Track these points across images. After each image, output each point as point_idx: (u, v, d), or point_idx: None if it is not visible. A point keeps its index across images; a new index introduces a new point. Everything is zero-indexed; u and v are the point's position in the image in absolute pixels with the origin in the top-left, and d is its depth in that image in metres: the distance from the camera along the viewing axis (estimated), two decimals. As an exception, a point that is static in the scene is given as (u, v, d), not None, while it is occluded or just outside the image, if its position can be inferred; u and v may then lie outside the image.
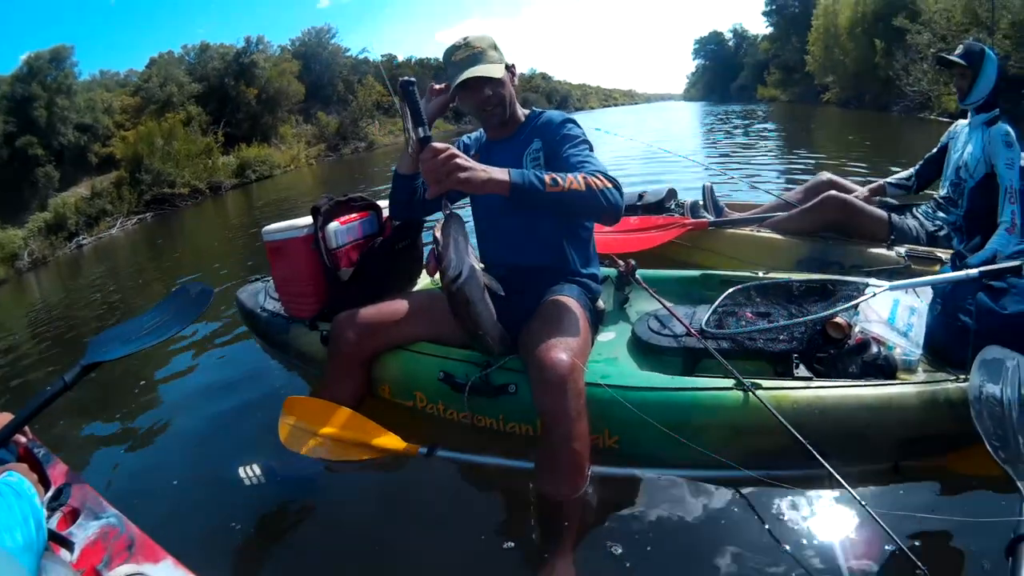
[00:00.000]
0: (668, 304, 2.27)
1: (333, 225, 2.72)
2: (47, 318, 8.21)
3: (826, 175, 3.72)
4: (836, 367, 1.90)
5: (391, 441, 2.03)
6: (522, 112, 2.30)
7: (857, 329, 1.94)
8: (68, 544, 1.40)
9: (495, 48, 2.16)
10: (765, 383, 1.79)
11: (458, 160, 1.69)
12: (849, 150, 10.95)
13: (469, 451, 2.01)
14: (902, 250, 2.99)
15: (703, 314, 2.21)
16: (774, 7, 56.90)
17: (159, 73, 34.75)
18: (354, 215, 2.82)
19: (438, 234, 1.80)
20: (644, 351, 2.20)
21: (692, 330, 2.08)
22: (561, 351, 1.75)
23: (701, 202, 3.98)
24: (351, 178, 19.48)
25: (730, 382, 1.81)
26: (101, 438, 3.22)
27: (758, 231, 3.51)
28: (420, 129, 1.77)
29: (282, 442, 2.11)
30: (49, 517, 1.47)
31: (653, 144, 6.92)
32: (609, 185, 1.82)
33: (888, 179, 3.59)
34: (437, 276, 1.90)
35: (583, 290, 2.22)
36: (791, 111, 30.91)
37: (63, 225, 20.49)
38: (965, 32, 19.73)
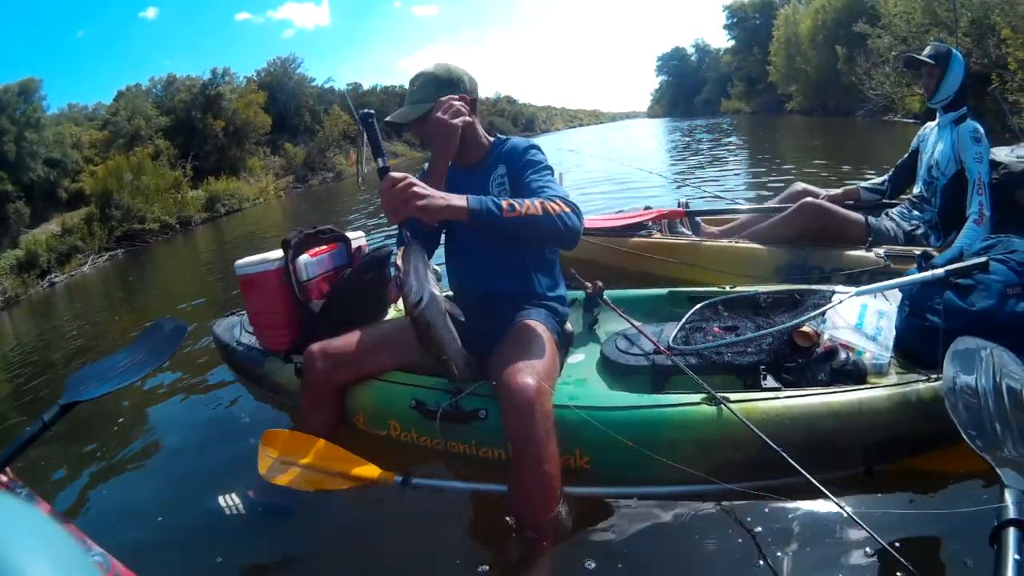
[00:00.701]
0: (636, 323, 2.28)
1: (303, 258, 2.75)
2: (22, 359, 8.08)
3: (800, 185, 3.78)
4: (805, 376, 1.91)
5: (367, 471, 2.03)
6: (487, 139, 2.31)
7: (825, 337, 1.96)
8: None
9: (443, 84, 2.19)
10: (733, 396, 1.80)
11: (415, 188, 1.72)
12: (815, 157, 11.10)
13: (444, 478, 2.02)
14: (881, 251, 3.03)
15: (671, 331, 2.22)
16: (735, 20, 57.65)
17: (127, 106, 34.68)
18: (323, 247, 2.85)
19: (399, 262, 1.84)
20: (613, 371, 2.21)
21: (660, 347, 2.10)
22: (527, 375, 1.76)
23: (684, 210, 4.01)
24: (319, 209, 19.52)
25: (699, 397, 1.82)
26: (83, 476, 3.19)
27: (736, 242, 3.52)
28: (379, 160, 1.83)
29: (261, 475, 2.11)
30: None
31: (625, 163, 6.98)
32: (567, 210, 1.85)
33: (862, 184, 3.65)
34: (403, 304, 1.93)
35: (550, 313, 2.23)
36: (756, 122, 31.31)
37: (35, 263, 20.24)
38: (925, 33, 20.09)
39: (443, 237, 2.40)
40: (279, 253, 2.72)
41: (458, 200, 1.77)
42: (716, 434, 1.76)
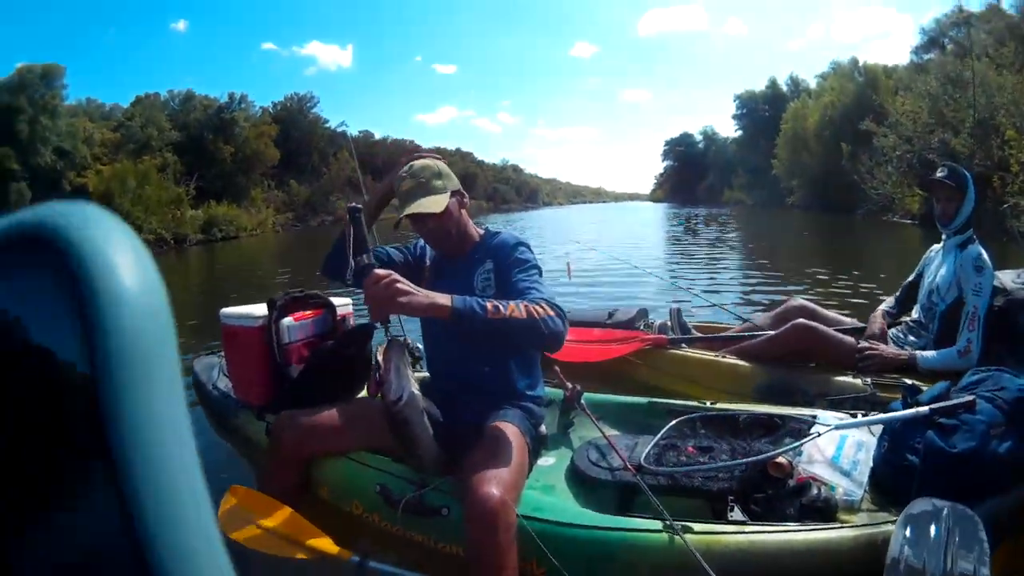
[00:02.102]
0: (609, 434, 2.24)
1: (287, 320, 2.73)
2: None
3: (797, 300, 3.73)
4: (774, 509, 1.87)
5: (325, 545, 1.99)
6: (477, 232, 2.35)
7: (799, 468, 1.94)
8: None
9: (440, 176, 2.21)
10: (696, 526, 1.76)
11: (399, 285, 1.75)
12: (814, 257, 11.20)
13: (401, 566, 1.95)
14: (868, 378, 2.95)
15: (645, 446, 2.17)
16: (744, 111, 58.58)
17: (142, 114, 34.94)
18: (309, 312, 2.84)
19: (380, 359, 1.86)
20: (582, 482, 2.17)
21: (628, 464, 2.06)
22: (493, 485, 1.75)
23: (669, 324, 3.93)
24: (314, 252, 19.55)
25: (660, 524, 1.78)
26: None
27: (723, 356, 3.45)
28: (364, 256, 1.89)
29: (219, 522, 2.07)
30: None
31: (628, 261, 7.01)
32: (551, 313, 1.86)
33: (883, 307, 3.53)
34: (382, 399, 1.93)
35: (525, 415, 2.21)
36: (756, 215, 31.61)
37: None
38: (930, 133, 20.48)
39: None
40: (264, 310, 2.71)
41: (442, 299, 1.79)
42: (673, 564, 1.71)
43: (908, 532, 1.53)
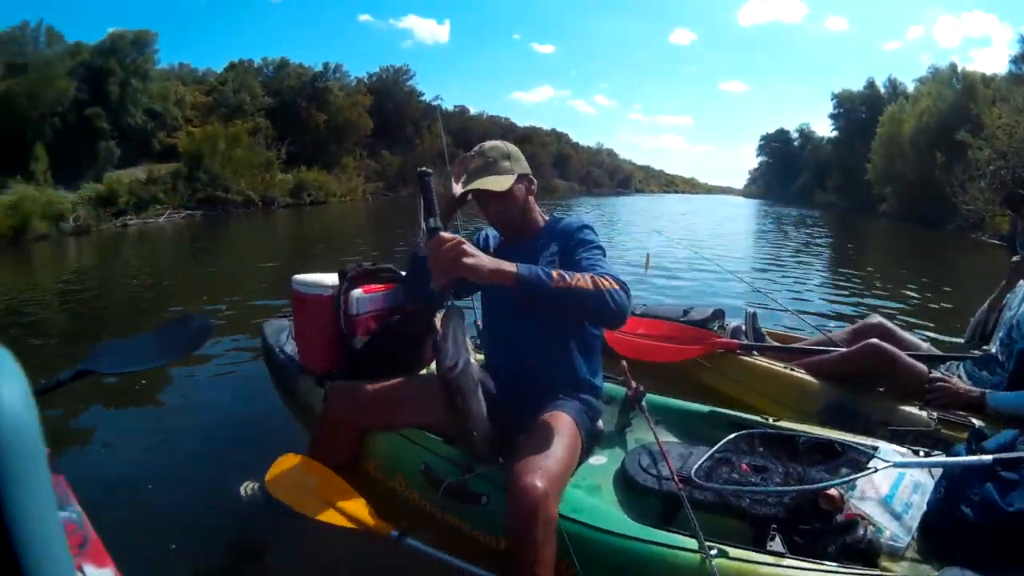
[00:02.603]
0: (665, 440, 2.21)
1: (357, 292, 2.76)
2: (78, 288, 8.53)
3: (876, 318, 3.55)
4: (816, 544, 1.78)
5: (366, 515, 2.04)
6: (542, 218, 2.33)
7: (850, 504, 1.84)
8: None
9: (508, 158, 2.21)
10: (733, 551, 1.70)
11: (465, 247, 1.71)
12: (898, 269, 10.93)
13: (438, 547, 1.96)
14: (934, 411, 2.79)
15: (698, 457, 2.11)
16: (841, 111, 56.87)
17: (235, 79, 35.77)
18: (380, 286, 2.85)
19: (438, 325, 1.83)
20: (629, 487, 2.13)
21: (675, 475, 2.00)
22: (537, 477, 1.73)
23: (743, 328, 3.83)
24: (401, 223, 19.77)
25: (693, 542, 1.72)
26: (91, 433, 3.36)
27: (791, 369, 3.35)
28: (431, 220, 1.81)
29: (266, 482, 2.16)
30: None
31: (706, 254, 6.91)
32: (616, 287, 1.82)
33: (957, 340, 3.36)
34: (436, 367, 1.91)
35: (584, 407, 2.19)
36: (845, 221, 30.63)
37: (113, 201, 21.02)
38: None
39: (479, 305, 2.42)
40: (335, 279, 2.75)
41: (508, 266, 1.76)
42: None
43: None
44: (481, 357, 2.53)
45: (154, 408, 3.75)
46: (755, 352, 3.59)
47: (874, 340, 3.13)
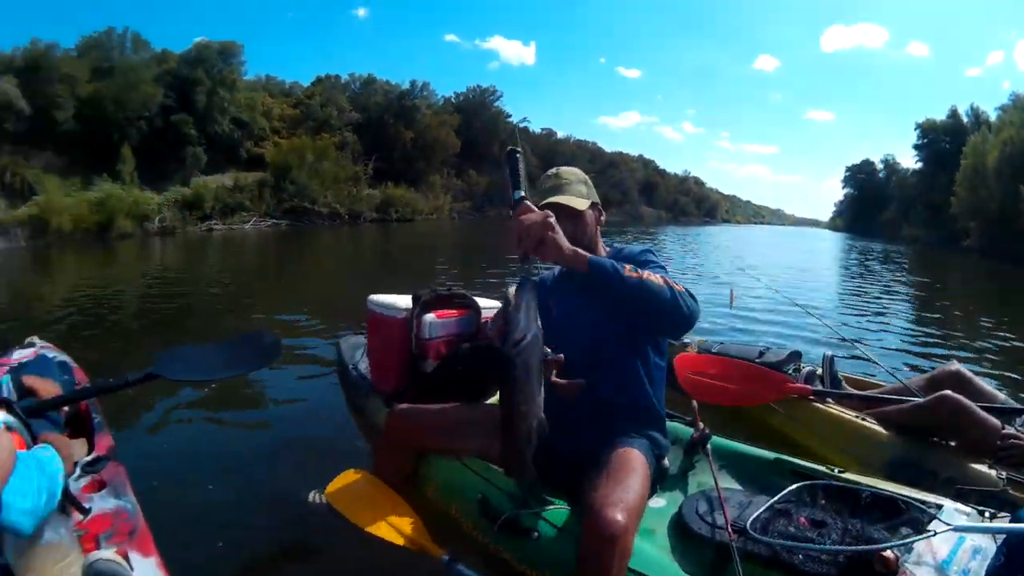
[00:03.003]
0: (728, 486, 2.18)
1: (429, 316, 2.82)
2: (159, 287, 8.90)
3: (955, 365, 3.40)
4: None
5: (420, 536, 2.09)
6: (604, 249, 2.30)
7: (906, 567, 1.77)
8: (83, 510, 1.57)
9: (585, 183, 2.24)
10: None
11: (552, 220, 1.75)
12: (984, 310, 10.59)
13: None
14: (1004, 471, 2.66)
15: (757, 507, 2.07)
16: (925, 141, 55.20)
17: (322, 93, 36.57)
18: (452, 311, 2.91)
19: (511, 295, 1.77)
20: (684, 533, 2.10)
21: (730, 525, 1.95)
22: (619, 511, 1.71)
23: (819, 372, 3.74)
24: (487, 243, 19.89)
25: None
26: (160, 427, 3.51)
27: (862, 418, 3.26)
28: (517, 192, 1.85)
29: (327, 491, 2.27)
30: (79, 478, 1.70)
31: (789, 291, 6.80)
32: (686, 291, 1.84)
33: None
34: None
35: (651, 444, 2.17)
36: (930, 256, 29.75)
37: (199, 205, 21.74)
38: None
39: None
40: (409, 302, 2.82)
41: (582, 252, 1.82)
42: None
43: None
44: None
45: (225, 410, 3.86)
46: (829, 399, 3.51)
47: (946, 392, 3.01)
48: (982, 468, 2.74)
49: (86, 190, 18.80)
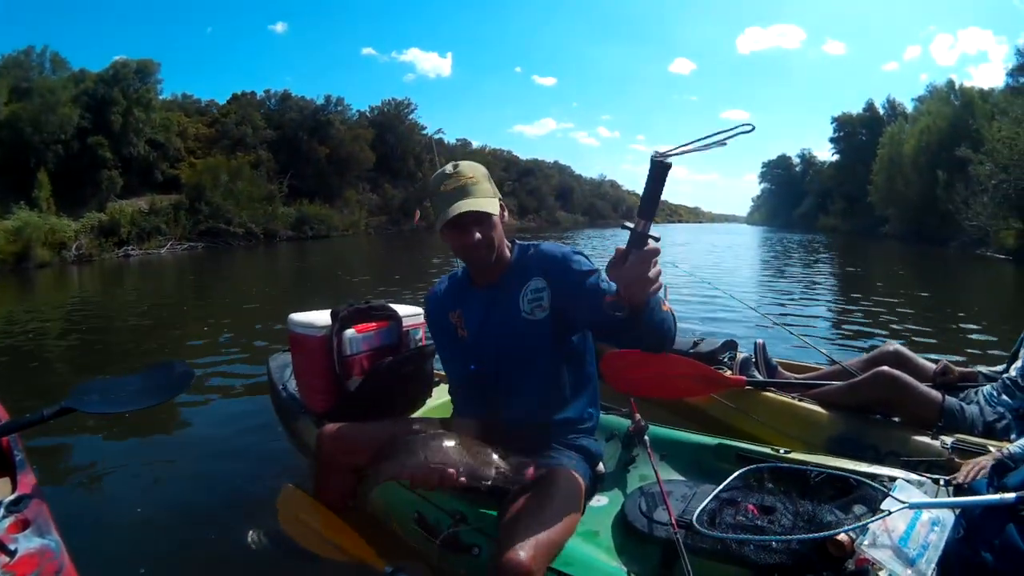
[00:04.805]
0: (670, 477, 2.12)
1: (350, 332, 2.75)
2: (79, 317, 8.69)
3: (893, 345, 3.41)
4: None
5: (362, 551, 2.07)
6: (509, 248, 2.08)
7: (862, 548, 1.69)
8: (9, 552, 1.51)
9: (488, 179, 1.97)
10: None
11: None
12: (905, 290, 11.03)
13: None
14: (948, 440, 2.64)
15: (702, 498, 1.99)
16: (841, 134, 57.17)
17: (238, 111, 36.20)
18: (372, 324, 2.84)
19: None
20: (628, 532, 2.02)
21: (675, 521, 1.87)
22: (524, 551, 1.60)
23: (753, 359, 3.70)
24: (403, 257, 19.87)
25: None
26: (83, 462, 3.40)
27: (799, 399, 3.24)
28: (646, 222, 1.49)
29: (281, 525, 2.26)
30: (3, 518, 1.65)
31: (715, 282, 6.87)
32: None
33: (982, 369, 3.20)
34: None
35: (583, 458, 2.07)
36: (850, 244, 30.67)
37: (115, 231, 21.22)
38: None
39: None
40: (327, 318, 2.73)
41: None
42: None
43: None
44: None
45: (150, 438, 3.74)
46: (774, 373, 3.57)
47: (884, 368, 3.01)
48: (925, 439, 2.73)
49: (3, 218, 18.15)
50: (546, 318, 1.95)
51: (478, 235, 1.90)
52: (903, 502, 1.79)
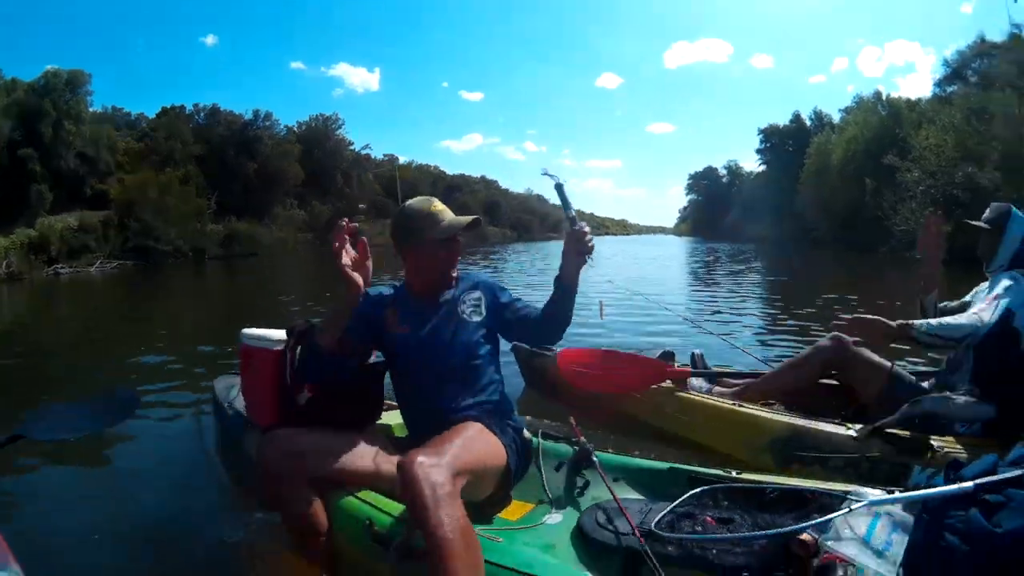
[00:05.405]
0: (623, 497, 2.09)
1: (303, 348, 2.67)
2: (11, 340, 8.45)
3: (834, 332, 3.33)
4: None
5: None
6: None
7: (826, 547, 1.72)
8: None
9: None
10: None
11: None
12: (839, 295, 11.26)
13: None
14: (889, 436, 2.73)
15: (659, 512, 2.00)
16: (768, 145, 58.36)
17: (167, 126, 35.50)
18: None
19: None
20: (587, 546, 2.02)
21: (636, 529, 1.88)
22: (420, 455, 1.77)
23: (691, 369, 3.77)
24: (331, 273, 19.65)
25: None
26: (34, 490, 3.31)
27: (739, 405, 3.27)
28: (572, 211, 2.28)
29: None
30: None
31: (647, 295, 6.95)
32: None
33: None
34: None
35: (499, 417, 2.33)
36: (780, 252, 31.37)
37: (45, 248, 20.60)
38: (954, 167, 20.20)
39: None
40: (283, 335, 2.67)
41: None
42: None
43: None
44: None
45: (99, 465, 3.71)
46: (706, 384, 3.65)
47: (836, 333, 3.15)
48: (870, 439, 2.79)
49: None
50: (482, 321, 2.38)
51: (457, 252, 2.39)
52: (861, 500, 1.80)
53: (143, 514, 2.98)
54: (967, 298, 3.18)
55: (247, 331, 2.81)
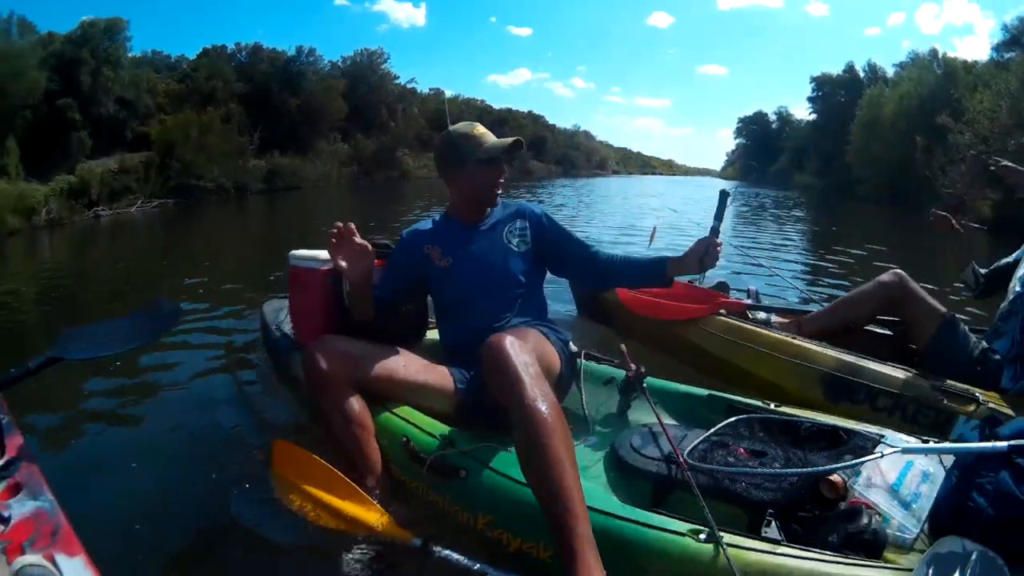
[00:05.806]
0: (664, 421, 2.08)
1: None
2: (54, 282, 8.38)
3: (896, 269, 3.29)
4: (816, 532, 1.67)
5: (382, 523, 1.91)
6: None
7: (855, 491, 1.73)
8: (3, 519, 1.43)
9: None
10: (727, 536, 1.56)
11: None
12: (885, 253, 10.88)
13: (468, 554, 1.80)
14: (940, 383, 2.65)
15: (693, 440, 2.01)
16: (820, 94, 56.89)
17: (208, 66, 35.37)
18: (378, 261, 2.78)
19: None
20: (619, 468, 2.04)
21: (676, 454, 1.87)
22: (507, 336, 1.86)
23: (747, 303, 3.76)
24: (376, 206, 19.66)
25: (687, 527, 1.60)
26: (69, 419, 3.29)
27: (792, 338, 3.22)
28: (719, 222, 2.29)
29: (276, 494, 2.13)
30: None
31: (694, 231, 6.88)
32: None
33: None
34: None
35: (549, 328, 2.42)
36: (825, 202, 30.89)
37: (85, 192, 20.78)
38: (1007, 134, 19.60)
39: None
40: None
41: None
42: (688, 571, 1.54)
43: (934, 570, 1.36)
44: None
45: (136, 394, 3.64)
46: (766, 317, 3.65)
47: (898, 270, 3.13)
48: (917, 381, 2.75)
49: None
50: (528, 251, 2.47)
51: (506, 172, 2.43)
52: (895, 447, 1.81)
53: (183, 440, 2.98)
54: (1017, 255, 3.12)
55: (295, 252, 2.79)
